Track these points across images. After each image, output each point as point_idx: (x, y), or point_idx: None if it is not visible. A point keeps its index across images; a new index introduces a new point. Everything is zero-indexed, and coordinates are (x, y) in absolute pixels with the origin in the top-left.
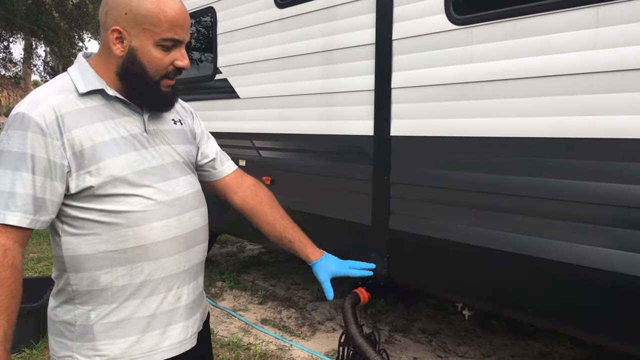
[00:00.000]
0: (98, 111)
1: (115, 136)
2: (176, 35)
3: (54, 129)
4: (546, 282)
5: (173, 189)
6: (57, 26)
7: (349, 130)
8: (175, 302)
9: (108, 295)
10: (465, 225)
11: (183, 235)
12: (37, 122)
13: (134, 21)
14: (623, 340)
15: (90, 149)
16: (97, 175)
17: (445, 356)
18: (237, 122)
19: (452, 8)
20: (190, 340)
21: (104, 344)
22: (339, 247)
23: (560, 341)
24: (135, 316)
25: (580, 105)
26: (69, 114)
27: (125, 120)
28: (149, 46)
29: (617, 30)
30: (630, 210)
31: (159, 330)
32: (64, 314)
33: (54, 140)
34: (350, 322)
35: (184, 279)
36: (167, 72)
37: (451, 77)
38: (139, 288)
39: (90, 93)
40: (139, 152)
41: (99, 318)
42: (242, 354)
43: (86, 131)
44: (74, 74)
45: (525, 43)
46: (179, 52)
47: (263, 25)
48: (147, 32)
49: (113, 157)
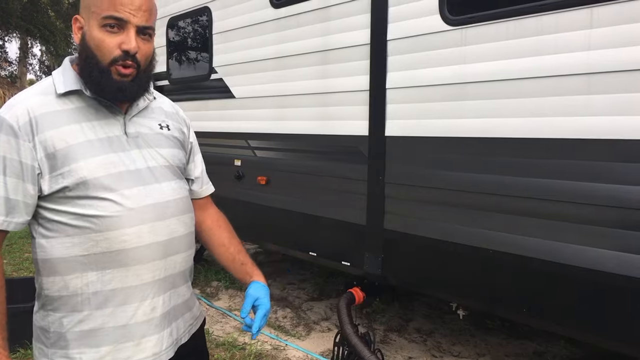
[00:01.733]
0: (76, 113)
1: (91, 138)
2: (116, 12)
3: (27, 131)
4: (541, 282)
5: (151, 194)
6: (53, 25)
7: (344, 131)
8: (150, 312)
9: (78, 302)
10: (460, 225)
11: (159, 242)
12: (10, 124)
13: (86, 7)
14: (613, 339)
15: (64, 151)
16: (69, 177)
17: (440, 356)
18: (232, 122)
19: (447, 9)
20: (166, 352)
21: (76, 353)
22: (333, 247)
23: (554, 341)
24: (107, 326)
25: (575, 106)
26: (43, 115)
27: (105, 122)
28: (94, 27)
29: (611, 31)
30: (626, 211)
31: (132, 342)
32: (40, 320)
33: (25, 142)
34: (345, 322)
35: (160, 289)
36: (114, 57)
37: (446, 77)
38: (110, 296)
39: (69, 94)
40: (116, 155)
41: (70, 325)
42: (238, 353)
43: (60, 133)
44: (56, 76)
45: (519, 44)
46: (125, 35)
47: (258, 25)
48: (94, 14)
49: (87, 159)
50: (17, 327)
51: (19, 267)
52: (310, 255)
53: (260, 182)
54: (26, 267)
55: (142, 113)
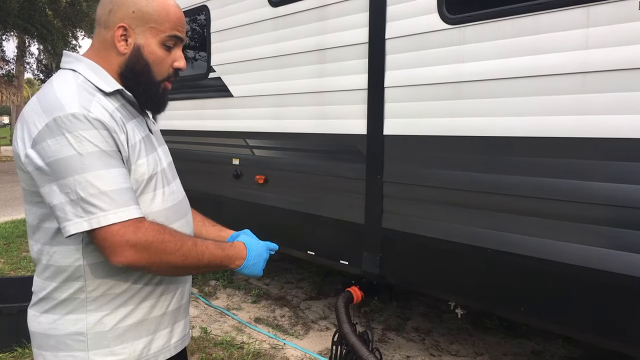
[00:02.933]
0: (123, 110)
1: (142, 135)
2: (179, 33)
3: (113, 126)
4: (539, 281)
5: (178, 189)
6: (51, 24)
7: (342, 129)
8: (180, 299)
9: (127, 298)
10: (458, 224)
11: (190, 233)
12: (102, 120)
13: (141, 19)
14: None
15: (133, 147)
16: (135, 173)
17: (438, 354)
18: (230, 121)
19: (445, 8)
20: (188, 335)
21: (121, 348)
22: (332, 246)
23: (552, 340)
24: (150, 316)
25: (571, 105)
26: (115, 111)
27: (139, 121)
28: (154, 44)
29: (608, 30)
30: (624, 209)
31: (168, 328)
32: (70, 325)
33: (120, 135)
34: (344, 321)
35: (186, 277)
36: (168, 74)
37: (444, 76)
38: (155, 288)
39: (111, 93)
40: (155, 153)
41: (115, 322)
42: (236, 352)
43: (128, 129)
44: (89, 74)
45: (516, 43)
46: (177, 53)
47: (256, 24)
48: (153, 30)
49: (144, 157)
50: (14, 326)
51: (17, 267)
52: (308, 254)
53: (258, 181)
54: (24, 266)
55: None
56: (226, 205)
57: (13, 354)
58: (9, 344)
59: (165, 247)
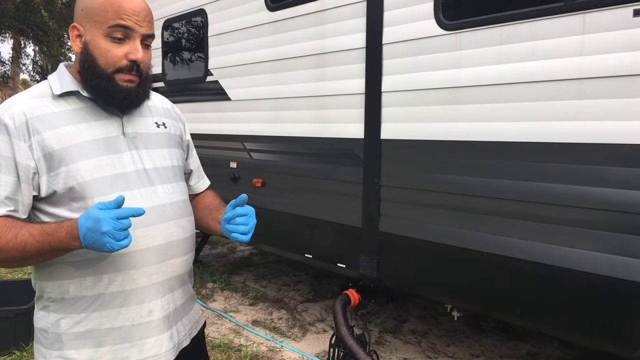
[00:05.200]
0: (72, 114)
1: (88, 139)
2: (122, 21)
3: (22, 132)
4: (534, 284)
5: (147, 197)
6: (46, 25)
7: (339, 133)
8: (148, 315)
9: (78, 304)
10: (455, 227)
11: (155, 247)
12: (6, 123)
13: (87, 15)
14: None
15: (60, 152)
16: (65, 178)
17: (435, 356)
18: (228, 124)
19: (442, 14)
20: (165, 354)
21: (72, 353)
22: (329, 249)
23: (547, 342)
24: (102, 327)
25: (567, 111)
26: (40, 117)
27: (102, 123)
28: (99, 37)
29: (604, 37)
30: (619, 214)
31: (129, 343)
32: (40, 321)
33: (21, 142)
34: (341, 324)
35: (157, 292)
36: (120, 66)
37: (440, 81)
38: (108, 299)
39: (65, 96)
40: (114, 156)
41: (68, 327)
42: (233, 355)
43: (57, 134)
44: (52, 79)
45: (513, 49)
46: (132, 44)
47: (254, 28)
48: (97, 23)
49: (83, 160)
50: (12, 328)
51: (13, 269)
52: (306, 258)
53: (256, 185)
54: (21, 269)
55: (138, 112)
56: None
57: (12, 357)
58: (7, 346)
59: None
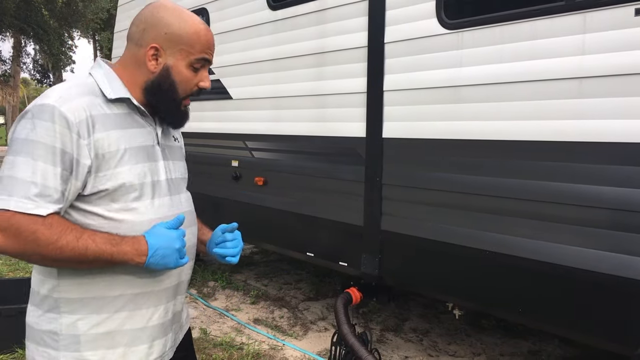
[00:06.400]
0: (120, 119)
1: (133, 145)
2: (207, 55)
3: (83, 129)
4: (536, 282)
5: (175, 204)
6: (47, 24)
7: (341, 132)
8: (164, 316)
9: (100, 305)
10: (456, 226)
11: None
12: (67, 117)
13: (172, 41)
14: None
15: (111, 154)
16: (111, 180)
17: (436, 355)
18: (229, 123)
19: (444, 13)
20: (169, 352)
21: (90, 355)
22: (331, 248)
23: (548, 340)
24: (124, 328)
25: (568, 110)
26: (97, 117)
27: (143, 131)
28: (183, 66)
29: (604, 36)
30: (619, 212)
31: (146, 344)
32: (46, 323)
33: (81, 139)
34: (343, 322)
35: (173, 294)
36: (191, 92)
37: (442, 80)
38: (131, 300)
39: (116, 100)
40: (152, 164)
41: (87, 328)
42: (235, 353)
43: (109, 136)
44: (100, 78)
45: (514, 48)
46: (204, 74)
47: (256, 27)
48: (183, 52)
49: (130, 165)
50: (13, 327)
51: (15, 268)
52: (307, 256)
53: (257, 183)
54: (22, 267)
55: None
56: (225, 207)
57: (14, 355)
58: (9, 345)
59: (36, 237)
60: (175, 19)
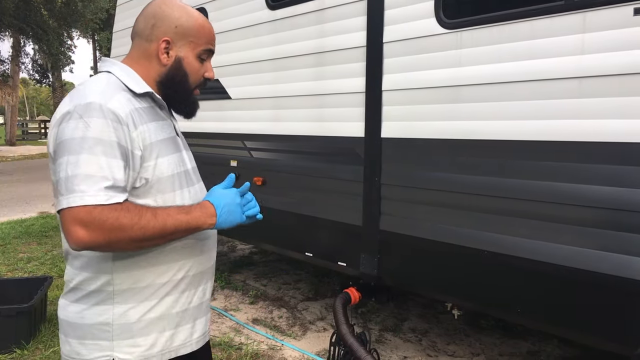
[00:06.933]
0: (150, 112)
1: (165, 136)
2: (212, 47)
3: (130, 122)
4: (535, 282)
5: (202, 192)
6: (46, 24)
7: (340, 132)
8: (202, 296)
9: (150, 293)
10: (455, 226)
11: (213, 235)
12: (116, 112)
13: (182, 34)
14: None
15: (151, 145)
16: (154, 171)
17: (435, 355)
18: (228, 123)
19: (442, 12)
20: (207, 333)
21: (143, 340)
22: (330, 248)
23: (547, 340)
24: (172, 311)
25: (567, 109)
26: (136, 110)
27: (165, 123)
28: (192, 57)
29: (604, 35)
30: (618, 212)
31: (190, 324)
32: (97, 316)
33: (131, 131)
34: (341, 322)
35: (209, 275)
36: (199, 83)
37: (441, 80)
38: (178, 284)
39: (141, 95)
40: (179, 154)
41: (140, 315)
42: (234, 353)
43: (148, 129)
44: (122, 75)
45: (513, 47)
46: (208, 65)
47: (255, 27)
48: (192, 44)
49: (165, 156)
50: (13, 327)
51: (14, 268)
52: (306, 256)
53: (256, 183)
54: (21, 267)
55: None
56: None
57: (12, 355)
58: (8, 345)
59: (120, 223)
60: (183, 13)
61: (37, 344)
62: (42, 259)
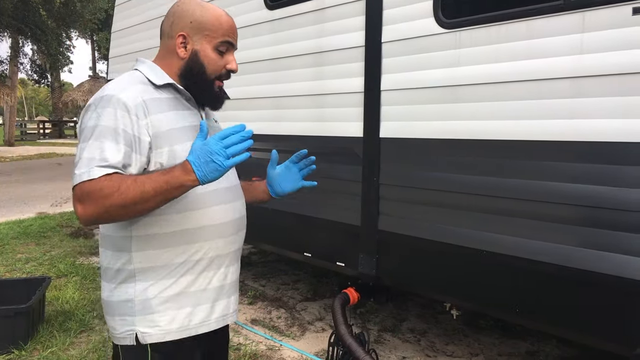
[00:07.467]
0: (172, 102)
1: (184, 125)
2: (229, 38)
3: (140, 111)
4: (534, 282)
5: (228, 178)
6: (45, 24)
7: (339, 132)
8: (223, 279)
9: (168, 271)
10: (454, 226)
11: (235, 219)
12: (125, 102)
13: (197, 28)
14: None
15: (166, 133)
16: (167, 156)
17: (434, 355)
18: (227, 123)
19: (441, 12)
20: (231, 315)
21: (161, 316)
22: (328, 248)
23: (546, 340)
24: (189, 290)
25: (566, 109)
26: (151, 100)
27: (189, 113)
28: (209, 49)
29: (603, 35)
30: (616, 212)
31: (208, 304)
32: (122, 294)
33: (139, 119)
34: (340, 322)
35: (231, 260)
36: (220, 74)
37: (439, 80)
38: (195, 265)
39: (163, 86)
40: None
41: (157, 292)
42: (233, 354)
43: (164, 117)
44: (145, 70)
45: (512, 47)
46: (231, 57)
47: (253, 27)
48: (208, 37)
49: (181, 143)
50: (10, 328)
51: (12, 268)
52: (305, 256)
53: None
54: (19, 268)
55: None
56: None
57: (10, 356)
58: (6, 345)
59: (103, 192)
60: (198, 8)
61: (35, 345)
62: (40, 260)
